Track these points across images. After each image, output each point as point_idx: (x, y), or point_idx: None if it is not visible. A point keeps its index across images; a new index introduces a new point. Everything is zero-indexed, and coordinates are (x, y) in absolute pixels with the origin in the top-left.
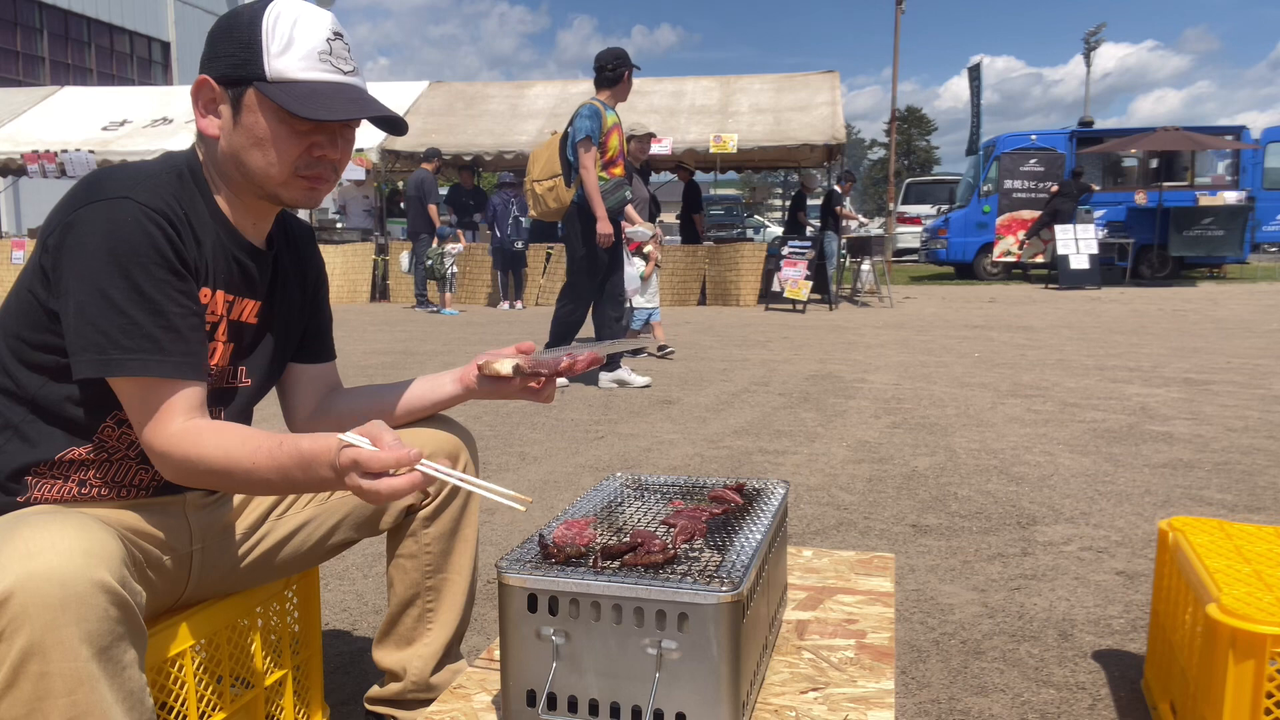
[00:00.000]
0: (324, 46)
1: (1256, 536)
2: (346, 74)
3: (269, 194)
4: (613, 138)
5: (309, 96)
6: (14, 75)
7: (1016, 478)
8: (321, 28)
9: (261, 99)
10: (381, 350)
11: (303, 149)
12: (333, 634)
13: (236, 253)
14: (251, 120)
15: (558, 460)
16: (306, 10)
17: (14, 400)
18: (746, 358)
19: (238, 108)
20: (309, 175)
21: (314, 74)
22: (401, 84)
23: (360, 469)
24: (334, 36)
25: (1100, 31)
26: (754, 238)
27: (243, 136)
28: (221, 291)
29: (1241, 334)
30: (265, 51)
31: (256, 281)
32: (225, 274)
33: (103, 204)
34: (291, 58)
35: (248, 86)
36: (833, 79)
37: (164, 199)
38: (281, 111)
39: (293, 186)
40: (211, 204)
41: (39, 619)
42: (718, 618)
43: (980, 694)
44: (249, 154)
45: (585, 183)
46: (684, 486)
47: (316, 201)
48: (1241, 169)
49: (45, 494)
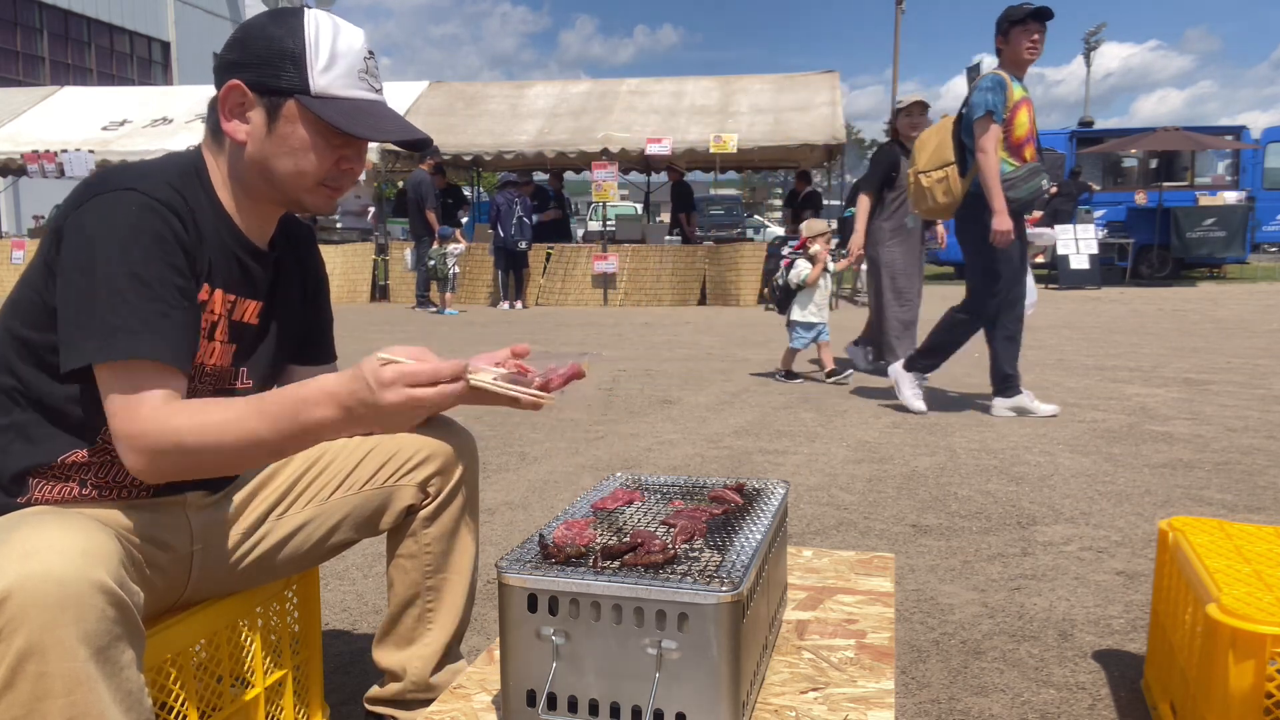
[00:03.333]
0: (362, 65)
1: (1256, 536)
2: (377, 91)
3: (292, 200)
4: (1021, 113)
5: (356, 114)
6: (14, 75)
7: (1016, 478)
8: (358, 45)
9: (304, 111)
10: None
11: (333, 161)
12: (333, 634)
13: (239, 253)
14: (289, 130)
15: (558, 460)
16: (342, 25)
17: (19, 400)
18: (747, 358)
19: (274, 116)
20: (333, 186)
21: (355, 91)
22: (402, 84)
23: (408, 380)
24: (368, 55)
25: (1100, 32)
26: (754, 238)
27: (276, 145)
28: (221, 290)
29: (1241, 334)
30: (309, 66)
31: (258, 282)
32: (226, 273)
33: (109, 195)
34: (335, 74)
35: (288, 98)
36: (833, 79)
37: (169, 192)
38: (322, 125)
39: (317, 194)
40: (216, 203)
41: (37, 619)
42: (718, 618)
43: (980, 694)
44: (279, 162)
45: (983, 168)
46: (684, 486)
47: (334, 209)
48: (1241, 169)
49: (46, 495)
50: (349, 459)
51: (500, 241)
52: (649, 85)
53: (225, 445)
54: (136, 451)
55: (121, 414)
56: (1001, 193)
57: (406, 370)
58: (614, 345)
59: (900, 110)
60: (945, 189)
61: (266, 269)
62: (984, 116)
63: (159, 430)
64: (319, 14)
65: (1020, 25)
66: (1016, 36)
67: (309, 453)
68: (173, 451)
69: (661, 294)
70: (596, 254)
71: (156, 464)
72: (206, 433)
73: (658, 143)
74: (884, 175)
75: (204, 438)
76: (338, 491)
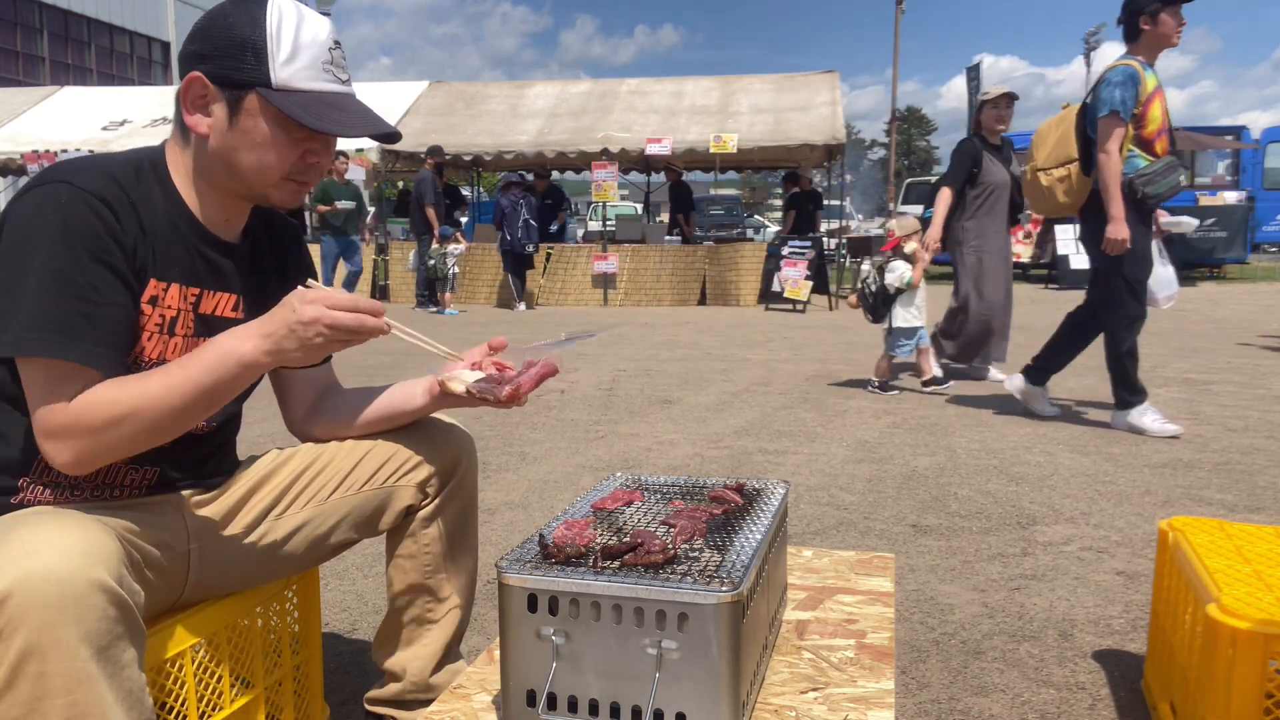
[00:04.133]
0: (326, 56)
1: (1256, 536)
2: (344, 82)
3: (257, 194)
4: (1154, 105)
5: (318, 108)
6: (14, 75)
7: (1016, 478)
8: (323, 35)
9: (265, 105)
10: (380, 350)
11: (298, 155)
12: (333, 634)
13: (200, 246)
14: (251, 124)
15: (558, 460)
16: (306, 15)
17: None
18: (747, 358)
19: (235, 110)
20: (299, 180)
21: (318, 84)
22: (402, 84)
23: (326, 300)
24: (334, 45)
25: (1100, 32)
26: (754, 238)
27: (238, 138)
28: (178, 285)
29: (1241, 334)
30: (270, 58)
31: (228, 275)
32: (185, 266)
33: (40, 189)
34: (297, 66)
35: (249, 91)
36: (833, 79)
37: (106, 185)
38: (284, 119)
39: (282, 189)
40: (173, 197)
41: (37, 619)
42: (718, 618)
43: (980, 694)
44: (242, 156)
45: (1103, 171)
46: (684, 486)
47: (300, 202)
48: (1241, 169)
49: (37, 496)
50: (347, 459)
51: (507, 244)
52: (649, 85)
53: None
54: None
55: (41, 412)
56: (1120, 198)
57: (326, 292)
58: (614, 345)
59: (986, 102)
60: (1067, 188)
61: (238, 261)
62: (1110, 115)
63: (73, 419)
64: (282, 2)
65: (1173, 7)
66: (1167, 19)
67: (307, 454)
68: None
69: (661, 294)
70: (596, 254)
71: (79, 451)
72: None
73: (658, 143)
74: (967, 172)
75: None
76: (336, 492)
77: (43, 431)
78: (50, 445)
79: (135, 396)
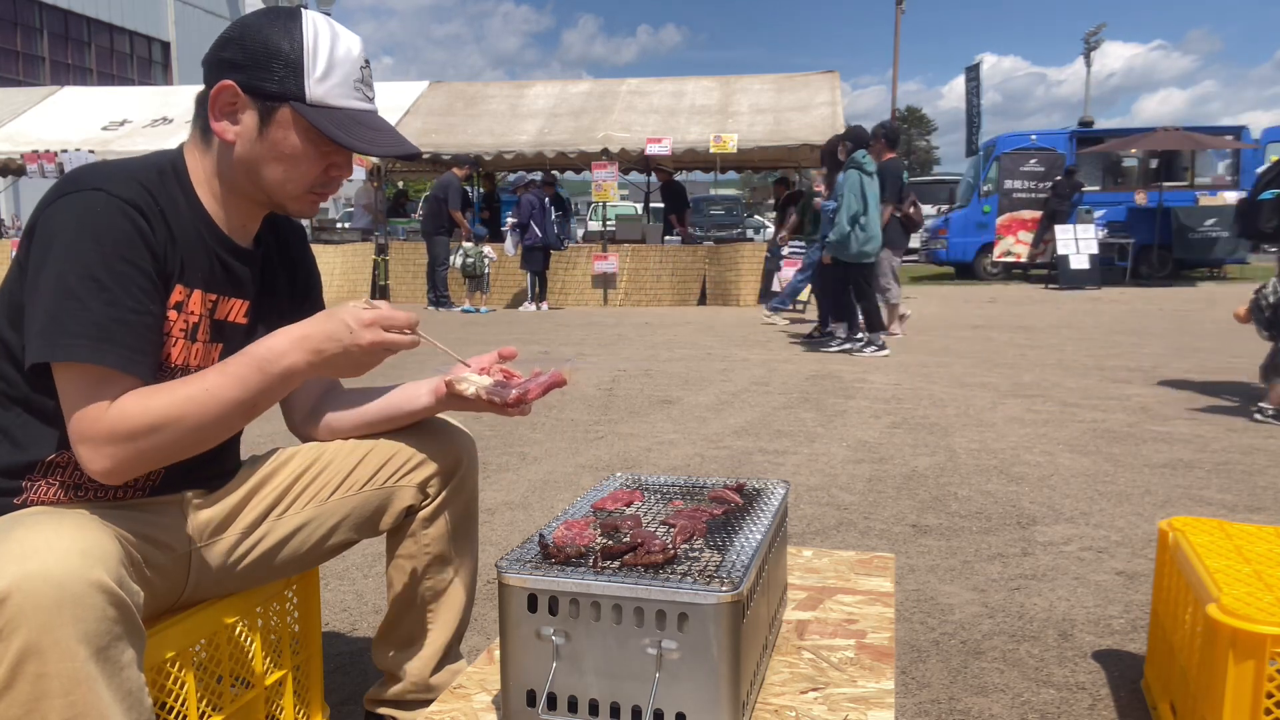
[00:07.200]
0: (358, 74)
1: (1256, 536)
2: (370, 100)
3: (277, 204)
4: None
5: (352, 126)
6: (14, 75)
7: (1016, 478)
8: (355, 53)
9: (298, 119)
10: None
11: (323, 169)
12: (333, 634)
13: (220, 252)
14: (281, 136)
15: (558, 460)
16: (340, 32)
17: (6, 401)
18: (746, 358)
19: (266, 121)
20: (319, 192)
21: (349, 101)
22: (402, 84)
23: (385, 323)
24: (364, 64)
25: (1100, 32)
26: (754, 238)
27: (267, 149)
28: (200, 290)
29: (1242, 334)
30: (306, 73)
31: (244, 281)
32: (206, 272)
33: (75, 195)
34: (331, 83)
35: (282, 104)
36: (833, 79)
37: (138, 191)
38: (315, 133)
39: (303, 200)
40: (194, 203)
41: (36, 620)
42: (718, 618)
43: (980, 694)
44: (268, 166)
45: None
46: (684, 486)
47: (315, 212)
48: (1241, 169)
49: (40, 496)
50: (348, 459)
51: (540, 241)
52: (649, 85)
53: (188, 417)
54: (95, 455)
55: (78, 417)
56: None
57: (384, 315)
58: (614, 345)
59: None
60: None
61: (252, 267)
62: None
63: (109, 427)
64: (317, 18)
65: None
66: None
67: (308, 454)
68: (126, 440)
69: (661, 294)
70: (596, 254)
71: (116, 459)
72: (159, 411)
73: (658, 143)
74: None
75: (159, 416)
76: (337, 492)
77: (80, 437)
78: (86, 451)
79: (176, 403)
